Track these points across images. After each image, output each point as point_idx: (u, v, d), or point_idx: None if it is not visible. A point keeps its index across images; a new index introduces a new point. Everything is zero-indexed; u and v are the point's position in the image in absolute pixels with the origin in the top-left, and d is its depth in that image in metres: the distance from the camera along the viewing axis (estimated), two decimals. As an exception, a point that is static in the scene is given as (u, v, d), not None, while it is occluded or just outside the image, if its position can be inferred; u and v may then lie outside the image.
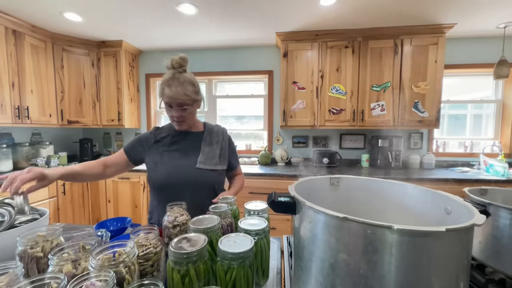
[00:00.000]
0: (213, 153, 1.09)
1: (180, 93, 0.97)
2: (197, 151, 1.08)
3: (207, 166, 1.05)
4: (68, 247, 0.57)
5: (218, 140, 1.14)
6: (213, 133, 1.15)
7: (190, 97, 0.99)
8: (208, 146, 1.10)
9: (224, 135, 1.18)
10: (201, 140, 1.11)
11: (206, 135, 1.13)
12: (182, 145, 1.09)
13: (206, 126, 1.18)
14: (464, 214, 0.48)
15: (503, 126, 2.78)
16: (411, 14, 2.20)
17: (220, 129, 1.19)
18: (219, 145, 1.13)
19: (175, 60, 1.01)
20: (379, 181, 0.73)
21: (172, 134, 1.11)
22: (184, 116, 1.02)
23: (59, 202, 2.44)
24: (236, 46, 3.00)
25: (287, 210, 0.56)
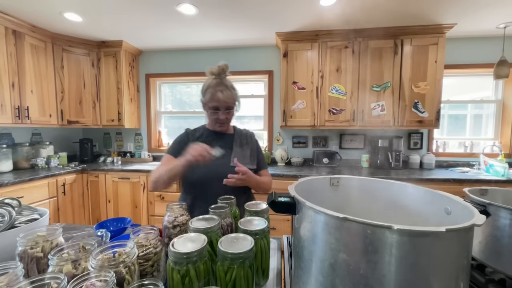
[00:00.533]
0: (244, 153, 1.18)
1: (229, 97, 1.07)
2: (230, 151, 1.16)
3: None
4: (68, 247, 0.57)
5: (248, 141, 1.23)
6: (242, 136, 1.24)
7: (235, 100, 1.12)
8: (239, 147, 1.19)
9: (253, 138, 1.27)
10: (232, 141, 1.20)
11: (236, 137, 1.22)
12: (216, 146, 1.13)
13: (236, 129, 1.27)
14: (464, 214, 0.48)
15: (503, 126, 2.78)
16: (411, 14, 2.20)
17: (248, 132, 1.28)
18: (249, 146, 1.22)
19: (221, 67, 1.09)
20: (379, 181, 0.73)
21: (207, 134, 1.19)
22: (229, 118, 1.14)
23: (59, 202, 2.44)
24: (236, 46, 3.00)
25: (287, 210, 0.56)
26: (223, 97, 1.06)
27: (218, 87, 1.06)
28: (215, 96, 1.06)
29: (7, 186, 1.99)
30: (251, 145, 1.23)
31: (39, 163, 2.61)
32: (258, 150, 1.26)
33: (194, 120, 3.32)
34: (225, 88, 1.07)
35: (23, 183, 2.11)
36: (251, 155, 1.20)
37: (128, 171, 2.64)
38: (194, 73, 3.12)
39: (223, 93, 1.06)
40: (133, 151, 3.31)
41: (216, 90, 1.06)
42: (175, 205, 0.79)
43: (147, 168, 2.63)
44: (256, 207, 0.77)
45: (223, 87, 1.07)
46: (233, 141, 1.20)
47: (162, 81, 3.33)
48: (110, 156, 3.15)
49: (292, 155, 3.01)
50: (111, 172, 2.67)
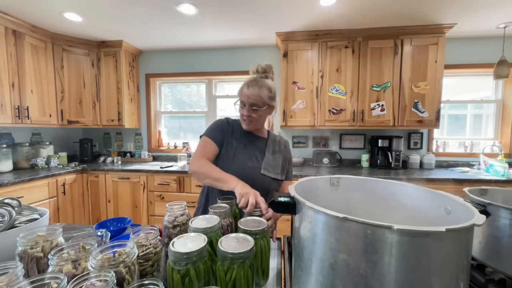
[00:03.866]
0: (276, 162, 1.12)
1: (255, 94, 1.02)
2: (262, 156, 1.11)
3: (270, 174, 1.09)
4: (68, 247, 0.57)
5: (281, 149, 1.17)
6: (276, 142, 1.18)
7: (263, 99, 1.03)
8: (272, 154, 1.13)
9: (286, 146, 1.21)
10: (265, 146, 1.14)
11: (270, 143, 1.16)
12: (249, 147, 1.12)
13: (270, 134, 1.21)
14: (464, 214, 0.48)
15: (503, 126, 2.78)
16: (411, 14, 2.20)
17: (283, 140, 1.22)
18: (281, 154, 1.16)
19: (260, 66, 1.07)
20: (379, 181, 0.73)
21: (241, 132, 1.14)
22: (253, 117, 1.05)
23: (59, 202, 2.44)
24: (236, 46, 3.00)
25: (287, 210, 0.56)
26: (248, 92, 1.02)
27: (249, 83, 1.04)
28: (242, 90, 1.05)
29: (7, 186, 1.99)
30: (284, 153, 1.17)
31: (39, 163, 2.61)
32: (289, 160, 1.21)
33: (194, 120, 3.32)
34: (255, 84, 1.03)
35: (23, 183, 2.11)
36: (282, 165, 1.14)
37: (128, 171, 2.64)
38: (194, 73, 3.12)
39: (250, 89, 1.02)
40: (133, 151, 3.31)
41: (245, 85, 1.04)
42: (175, 205, 0.79)
43: (147, 168, 2.63)
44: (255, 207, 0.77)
45: (254, 83, 1.03)
46: (266, 146, 1.15)
47: (162, 81, 3.33)
48: (110, 156, 3.15)
49: (292, 155, 3.01)
50: (111, 172, 2.67)
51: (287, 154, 1.19)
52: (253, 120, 1.07)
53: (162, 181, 2.59)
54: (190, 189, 2.56)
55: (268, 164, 1.10)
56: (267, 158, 1.11)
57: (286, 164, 1.18)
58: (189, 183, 2.56)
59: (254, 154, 1.11)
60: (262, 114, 1.07)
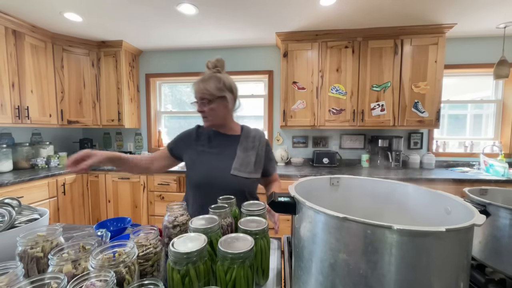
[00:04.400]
0: (248, 159, 1.06)
1: (201, 87, 1.01)
2: (233, 155, 1.06)
3: (241, 173, 1.03)
4: (68, 247, 0.57)
5: (254, 145, 1.10)
6: (250, 138, 1.12)
7: (209, 91, 1.00)
8: (244, 152, 1.07)
9: (261, 140, 1.14)
10: (237, 144, 1.09)
11: (242, 140, 1.11)
12: (219, 147, 1.09)
13: (244, 129, 1.15)
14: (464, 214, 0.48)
15: (503, 126, 2.78)
16: (411, 14, 2.20)
17: (258, 133, 1.15)
18: (255, 151, 1.09)
19: (210, 62, 1.06)
20: (379, 181, 0.73)
21: (211, 134, 1.12)
22: (205, 111, 1.03)
23: (59, 202, 2.44)
24: (236, 46, 3.00)
25: (287, 210, 0.56)
26: (195, 88, 1.03)
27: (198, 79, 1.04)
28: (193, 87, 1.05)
29: (7, 186, 1.99)
30: (257, 149, 1.10)
31: (39, 163, 2.61)
32: (266, 153, 1.14)
33: (194, 120, 3.31)
34: (202, 80, 1.02)
35: (23, 183, 2.11)
36: (256, 162, 1.08)
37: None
38: (194, 73, 3.12)
39: (196, 85, 1.03)
40: (133, 151, 3.31)
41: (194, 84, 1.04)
42: (175, 205, 0.79)
43: (147, 168, 2.63)
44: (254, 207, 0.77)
45: (201, 79, 1.03)
46: (237, 144, 1.09)
47: (162, 81, 3.33)
48: (110, 156, 3.14)
49: (292, 155, 3.01)
50: (111, 172, 2.67)
51: (261, 151, 1.11)
52: (207, 116, 1.04)
53: (162, 181, 2.59)
54: (190, 189, 2.56)
55: (238, 164, 1.04)
56: (238, 157, 1.06)
57: (262, 159, 1.11)
58: (189, 183, 2.56)
59: (225, 154, 1.07)
60: (214, 107, 1.03)
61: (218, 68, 1.07)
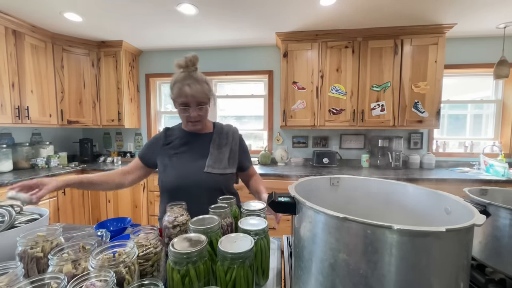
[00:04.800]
0: (221, 156, 1.05)
1: (199, 91, 0.95)
2: (206, 153, 1.05)
3: (215, 170, 1.02)
4: (68, 247, 0.57)
5: (228, 141, 1.10)
6: (223, 134, 1.11)
7: (207, 95, 0.99)
8: (217, 148, 1.06)
9: (235, 135, 1.13)
10: (210, 142, 1.08)
11: (215, 137, 1.09)
12: (191, 148, 1.07)
13: (216, 126, 1.14)
14: (464, 214, 0.48)
15: (503, 126, 2.78)
16: (411, 14, 2.20)
17: (230, 129, 1.14)
18: (228, 147, 1.09)
19: (189, 59, 0.98)
20: (379, 181, 0.73)
21: (181, 136, 1.08)
22: (202, 115, 1.00)
23: (59, 202, 2.44)
24: (236, 46, 3.00)
25: (287, 210, 0.56)
26: (192, 91, 0.94)
27: (185, 81, 0.95)
28: (182, 91, 0.94)
29: (7, 186, 1.99)
30: (231, 145, 1.10)
31: (39, 163, 2.60)
32: (241, 148, 1.13)
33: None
34: (194, 81, 0.95)
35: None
36: (230, 157, 1.07)
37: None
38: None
39: (191, 87, 0.94)
40: (133, 151, 3.31)
41: (183, 84, 0.94)
42: (175, 205, 0.79)
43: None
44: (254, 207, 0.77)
45: (192, 81, 0.95)
46: (210, 142, 1.08)
47: (162, 81, 3.32)
48: (110, 156, 3.15)
49: (292, 155, 3.01)
50: (111, 172, 2.67)
51: (235, 146, 1.11)
52: (202, 119, 1.02)
53: (162, 181, 2.59)
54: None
55: (212, 161, 1.03)
56: (211, 154, 1.04)
57: (235, 154, 1.10)
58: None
59: (197, 153, 1.05)
60: (207, 109, 1.02)
61: (196, 66, 1.01)
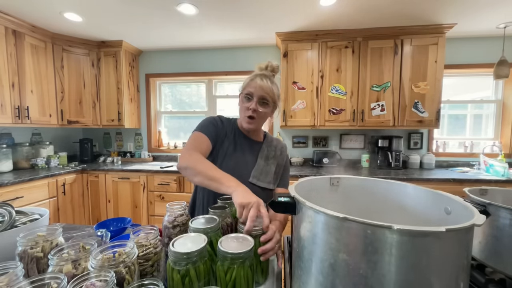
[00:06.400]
0: (268, 168, 1.01)
1: (268, 86, 0.94)
2: (253, 161, 1.02)
3: (260, 183, 0.98)
4: (68, 247, 0.57)
5: (276, 155, 1.05)
6: (271, 147, 1.07)
7: (274, 95, 0.97)
8: (265, 160, 1.02)
9: (283, 151, 1.09)
10: (259, 151, 1.04)
11: (264, 147, 1.05)
12: (241, 150, 1.02)
13: (267, 137, 1.11)
14: (464, 214, 0.48)
15: (503, 126, 2.78)
16: (411, 14, 2.20)
17: (279, 144, 1.11)
18: (276, 161, 1.05)
19: (271, 65, 1.01)
20: (379, 181, 0.73)
21: (235, 133, 1.04)
22: (260, 112, 0.95)
23: (59, 202, 2.44)
24: (236, 46, 3.00)
25: (287, 210, 0.56)
26: (262, 83, 0.93)
27: (261, 76, 0.95)
28: (253, 81, 0.95)
29: (7, 186, 1.99)
30: (278, 160, 1.05)
31: (39, 163, 2.60)
32: (285, 167, 1.09)
33: (194, 120, 3.31)
34: (268, 79, 0.95)
35: (23, 183, 2.11)
36: (275, 173, 1.03)
37: (128, 171, 2.64)
38: (194, 73, 3.12)
39: (263, 81, 0.94)
40: (133, 151, 3.31)
41: (256, 76, 0.95)
42: (175, 205, 0.79)
43: (147, 168, 2.63)
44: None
45: (266, 77, 0.95)
46: (259, 151, 1.04)
47: (162, 81, 3.32)
48: (110, 156, 3.15)
49: (292, 155, 3.01)
50: (111, 172, 2.67)
51: (282, 161, 1.07)
52: (257, 117, 0.96)
53: (162, 181, 2.59)
54: (190, 189, 2.56)
55: (258, 172, 0.99)
56: (258, 165, 1.00)
57: (281, 171, 1.07)
58: (189, 183, 2.56)
59: (245, 159, 1.01)
60: (267, 112, 0.98)
61: (275, 73, 1.02)
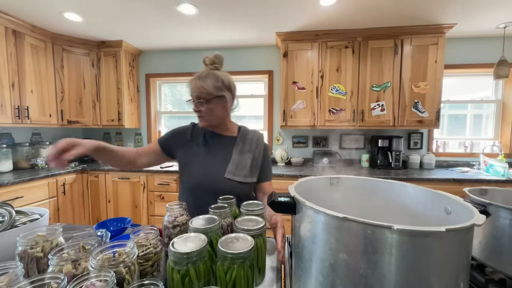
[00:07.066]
0: (244, 162, 1.01)
1: (197, 86, 0.95)
2: (228, 157, 1.02)
3: (236, 177, 0.98)
4: (68, 247, 0.57)
5: (251, 148, 1.04)
6: (247, 140, 1.06)
7: (207, 90, 0.94)
8: (240, 154, 1.02)
9: (259, 142, 1.08)
10: (233, 146, 1.04)
11: (239, 141, 1.05)
12: (214, 149, 1.04)
13: (241, 130, 1.09)
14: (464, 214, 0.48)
15: (503, 126, 2.78)
16: (411, 14, 2.20)
17: (256, 135, 1.09)
18: (251, 154, 1.03)
19: (208, 58, 1.00)
20: (379, 181, 0.73)
21: (206, 134, 1.06)
22: (202, 111, 0.97)
23: (59, 202, 2.44)
24: (236, 46, 3.00)
25: (287, 210, 0.56)
26: (192, 86, 0.96)
27: (195, 77, 0.97)
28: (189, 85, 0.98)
29: (7, 186, 1.99)
30: (255, 152, 1.04)
31: (39, 163, 2.60)
32: (264, 157, 1.07)
33: (194, 120, 3.31)
34: (199, 77, 0.96)
35: (23, 183, 2.11)
36: (252, 165, 1.02)
37: (128, 171, 2.64)
38: (194, 73, 3.12)
39: (192, 82, 0.96)
40: (133, 151, 3.31)
41: (190, 82, 0.98)
42: (175, 205, 0.79)
43: (147, 168, 2.63)
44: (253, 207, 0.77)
45: (198, 76, 0.97)
46: (234, 146, 1.04)
47: (162, 81, 3.32)
48: (110, 156, 3.14)
49: (292, 155, 3.01)
50: (111, 172, 2.67)
51: (258, 153, 1.05)
52: (204, 115, 0.99)
53: (162, 181, 2.59)
54: (190, 189, 2.56)
55: (233, 167, 0.99)
56: (233, 160, 1.00)
57: (259, 163, 1.05)
58: (189, 183, 2.56)
59: (220, 156, 1.02)
60: (212, 107, 0.97)
61: (216, 64, 1.01)
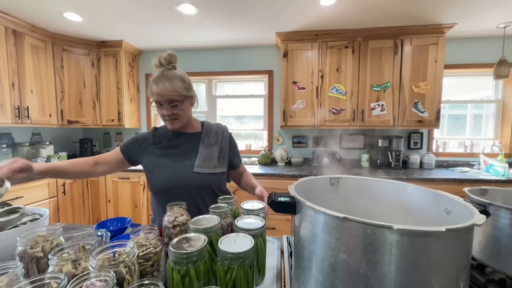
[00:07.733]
0: (211, 155, 1.05)
1: (168, 89, 0.93)
2: (195, 153, 1.04)
3: (205, 169, 1.02)
4: (68, 247, 0.57)
5: (217, 140, 1.09)
6: (211, 133, 1.10)
7: (179, 92, 0.95)
8: (206, 148, 1.06)
9: (224, 134, 1.12)
10: (199, 141, 1.07)
11: (204, 136, 1.09)
12: (180, 147, 1.05)
13: (204, 125, 1.13)
14: (464, 214, 0.48)
15: (503, 126, 2.78)
16: (411, 14, 2.20)
17: (219, 128, 1.14)
18: (218, 146, 1.08)
19: (163, 57, 0.97)
20: (379, 181, 0.73)
21: (169, 135, 1.07)
22: (176, 113, 0.97)
23: (59, 202, 2.44)
24: (236, 46, 3.00)
25: (287, 210, 0.56)
26: (159, 89, 0.93)
27: (158, 80, 0.94)
28: (152, 89, 0.96)
29: (7, 186, 1.98)
30: (221, 143, 1.09)
31: (39, 163, 2.60)
32: (231, 146, 1.13)
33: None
34: (166, 80, 0.94)
35: (23, 183, 2.11)
36: (220, 156, 1.07)
37: (128, 171, 2.64)
38: (194, 73, 3.12)
39: (160, 86, 0.93)
40: (133, 151, 3.31)
41: (154, 83, 0.95)
42: (175, 205, 0.79)
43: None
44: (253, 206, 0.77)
45: (162, 79, 0.94)
46: (199, 142, 1.07)
47: (162, 81, 3.32)
48: (110, 156, 3.14)
49: (292, 155, 3.01)
50: (111, 172, 2.67)
51: (224, 144, 1.10)
52: (178, 118, 0.99)
53: (162, 181, 2.58)
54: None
55: (201, 160, 1.02)
56: (200, 154, 1.04)
57: (226, 153, 1.10)
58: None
59: (187, 153, 1.04)
60: (184, 108, 0.99)
61: (174, 64, 1.00)
